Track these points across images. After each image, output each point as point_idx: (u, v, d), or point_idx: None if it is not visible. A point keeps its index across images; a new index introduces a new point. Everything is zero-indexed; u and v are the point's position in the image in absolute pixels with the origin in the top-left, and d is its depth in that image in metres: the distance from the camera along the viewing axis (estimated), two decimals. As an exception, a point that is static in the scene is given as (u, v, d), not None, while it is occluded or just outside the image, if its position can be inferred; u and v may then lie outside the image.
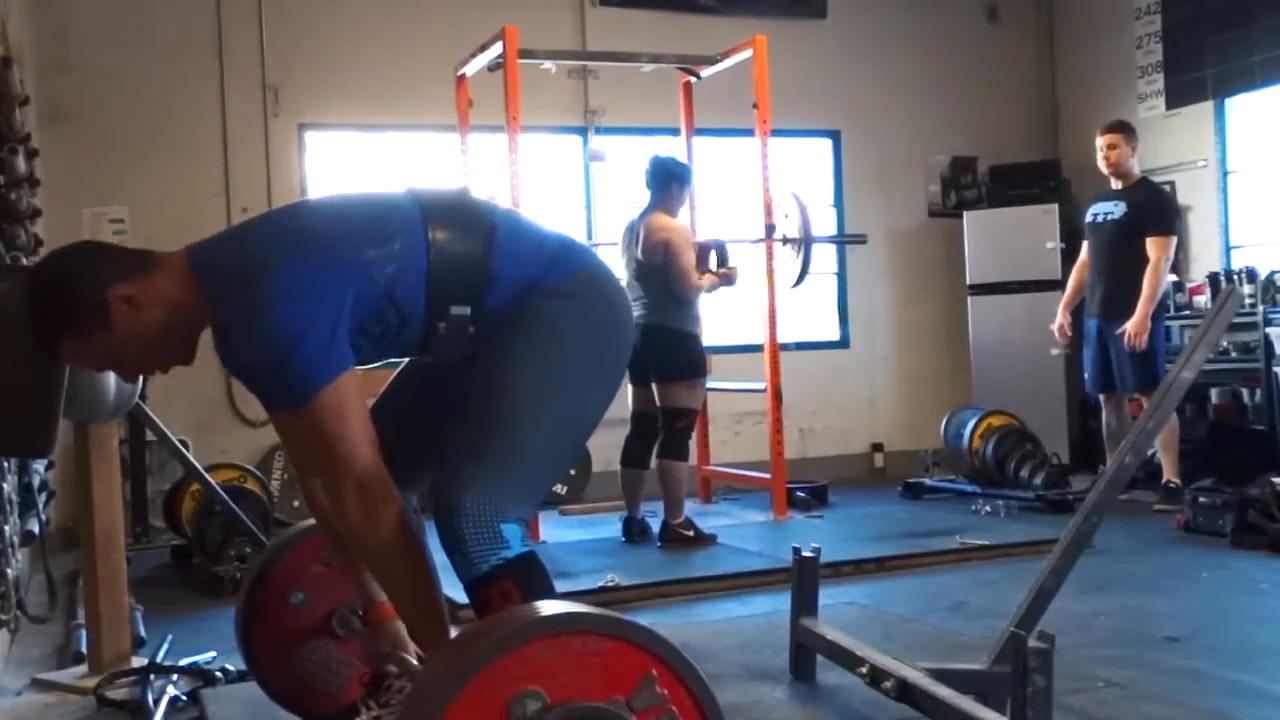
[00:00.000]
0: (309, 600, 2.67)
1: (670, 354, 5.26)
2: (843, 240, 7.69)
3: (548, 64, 6.33)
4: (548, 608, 1.71)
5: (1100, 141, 6.06)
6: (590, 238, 7.31)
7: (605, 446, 6.32)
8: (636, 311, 5.00)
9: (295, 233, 2.10)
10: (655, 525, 5.40)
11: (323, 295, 2.00)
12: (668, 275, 5.25)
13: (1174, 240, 6.03)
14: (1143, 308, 5.80)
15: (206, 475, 4.60)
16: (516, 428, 2.08)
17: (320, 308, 2.00)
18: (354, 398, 2.03)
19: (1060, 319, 6.32)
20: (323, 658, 2.69)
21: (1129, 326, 5.81)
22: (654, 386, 5.30)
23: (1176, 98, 7.52)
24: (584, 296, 2.22)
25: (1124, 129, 6.08)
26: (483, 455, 2.05)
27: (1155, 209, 5.98)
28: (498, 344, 2.16)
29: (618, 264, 5.50)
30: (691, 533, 5.28)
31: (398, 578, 2.09)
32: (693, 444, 6.29)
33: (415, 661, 2.37)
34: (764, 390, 6.07)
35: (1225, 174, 7.36)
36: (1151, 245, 5.86)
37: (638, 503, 5.47)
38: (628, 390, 5.41)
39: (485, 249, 2.16)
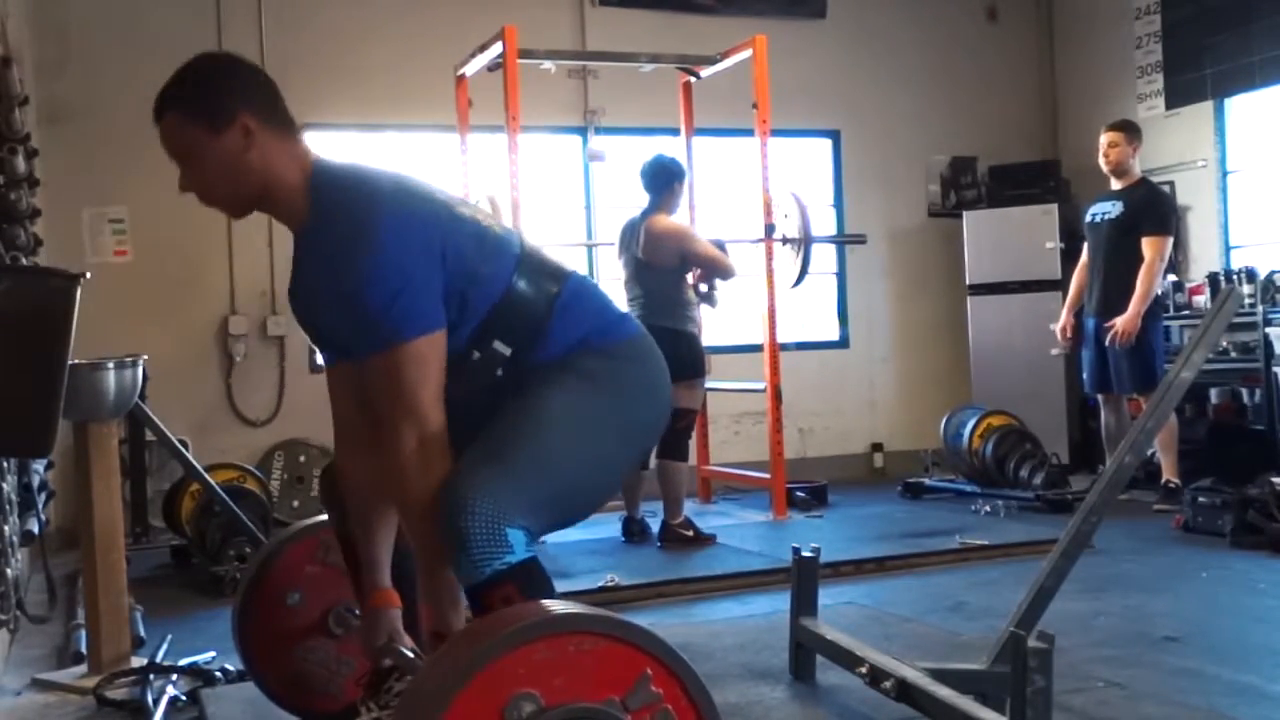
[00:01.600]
0: (305, 600, 2.67)
1: (669, 354, 5.22)
2: (842, 240, 7.69)
3: (547, 64, 6.33)
4: (542, 608, 1.71)
5: (1102, 140, 6.07)
6: (590, 238, 7.32)
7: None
8: (634, 311, 5.02)
9: (425, 191, 2.15)
10: (655, 525, 5.41)
11: (432, 251, 2.05)
12: (675, 273, 5.27)
13: (1170, 240, 6.02)
14: (1134, 306, 5.81)
15: (206, 475, 4.60)
16: (542, 446, 2.09)
17: (429, 261, 2.04)
18: (439, 356, 2.06)
19: (1064, 320, 6.32)
20: (320, 657, 2.69)
21: (1119, 323, 5.82)
22: None
23: (1176, 98, 7.53)
24: (629, 359, 2.29)
25: (1126, 128, 6.09)
26: (502, 461, 2.05)
27: (1152, 209, 5.98)
28: (536, 380, 2.17)
29: (615, 263, 5.52)
30: (691, 533, 5.28)
31: (432, 528, 2.04)
32: (692, 444, 6.28)
33: (411, 655, 2.36)
34: (764, 390, 6.07)
35: (1225, 174, 7.36)
36: (1147, 245, 5.86)
37: (637, 503, 5.47)
38: None
39: (549, 308, 2.20)
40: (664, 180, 5.40)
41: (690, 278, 5.40)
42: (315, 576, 2.68)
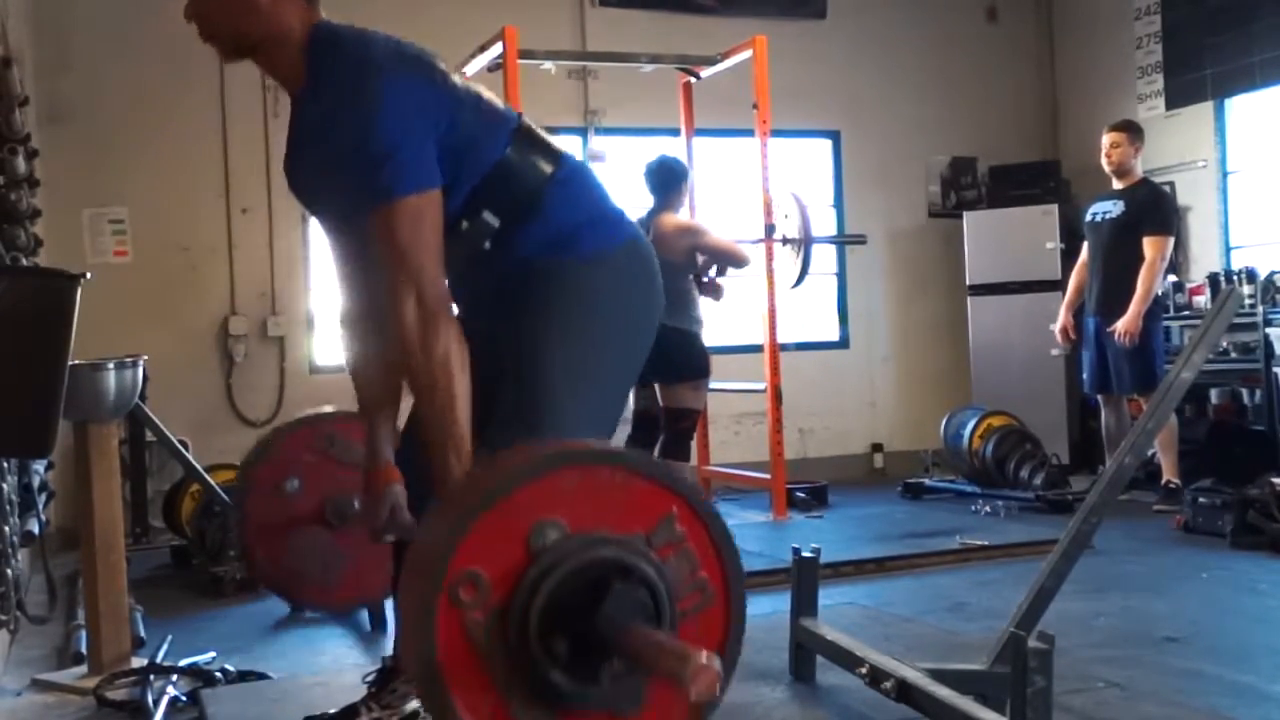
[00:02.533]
0: (303, 488, 2.64)
1: (676, 354, 5.18)
2: (843, 240, 7.69)
3: (548, 64, 6.33)
4: (571, 443, 1.72)
5: (1104, 140, 6.08)
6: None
7: (605, 447, 6.32)
8: None
9: (418, 54, 2.18)
10: None
11: (427, 113, 2.07)
12: (683, 272, 5.27)
13: (1171, 240, 6.03)
14: (1135, 306, 5.81)
15: (206, 475, 4.60)
16: (556, 401, 2.09)
17: (424, 123, 2.06)
18: (434, 216, 2.06)
19: (1062, 321, 6.32)
20: (315, 546, 2.66)
21: (1120, 324, 5.82)
22: (657, 387, 5.29)
23: (1176, 98, 7.52)
24: (623, 269, 2.26)
25: (1129, 129, 6.09)
26: (525, 425, 2.05)
27: (1153, 208, 5.98)
28: (540, 308, 2.17)
29: None
30: None
31: (439, 398, 2.03)
32: (693, 444, 6.28)
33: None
34: (764, 390, 6.07)
35: (1225, 174, 7.36)
36: (1148, 244, 5.86)
37: None
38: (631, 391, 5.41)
39: (543, 184, 2.20)
40: (669, 180, 5.41)
41: (700, 269, 5.40)
42: (315, 466, 2.66)
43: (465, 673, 1.54)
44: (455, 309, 2.19)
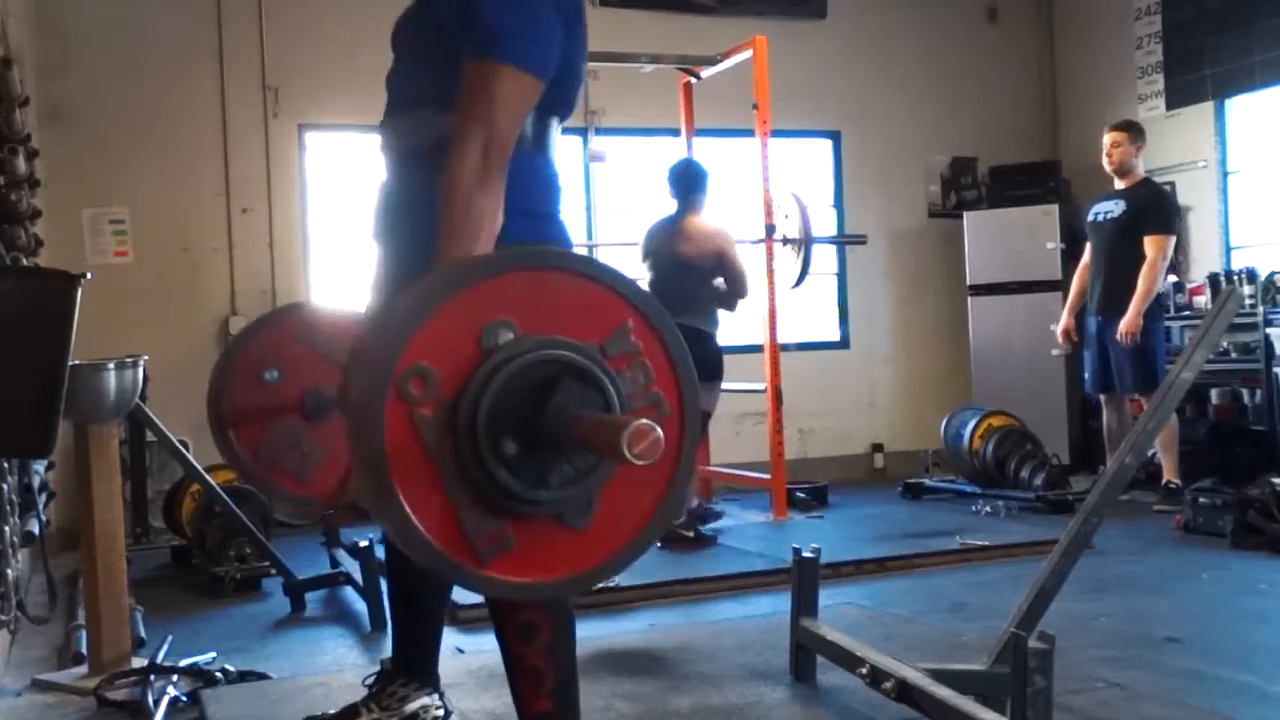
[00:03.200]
0: (284, 378, 2.62)
1: (694, 355, 5.21)
2: (843, 240, 7.69)
3: (548, 64, 6.32)
4: (533, 246, 1.70)
5: (1105, 140, 6.08)
6: (590, 238, 7.32)
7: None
8: None
9: None
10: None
11: (561, 16, 2.06)
12: (705, 275, 5.32)
13: (1172, 240, 6.03)
14: (1135, 305, 5.81)
15: (206, 476, 4.59)
16: None
17: (556, 16, 2.05)
18: (528, 101, 2.03)
19: (1065, 322, 6.32)
20: (291, 437, 2.63)
21: (1121, 323, 5.82)
22: None
23: (1176, 98, 7.52)
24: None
25: (1130, 128, 6.10)
26: None
27: (1154, 208, 5.99)
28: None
29: (639, 267, 5.53)
30: (692, 533, 5.28)
31: (466, 230, 1.95)
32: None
33: None
34: (764, 391, 6.07)
35: (1225, 174, 7.36)
36: (1149, 244, 5.86)
37: None
38: None
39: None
40: (693, 183, 5.50)
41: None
42: (298, 356, 2.63)
43: (412, 470, 1.51)
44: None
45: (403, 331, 1.52)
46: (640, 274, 5.52)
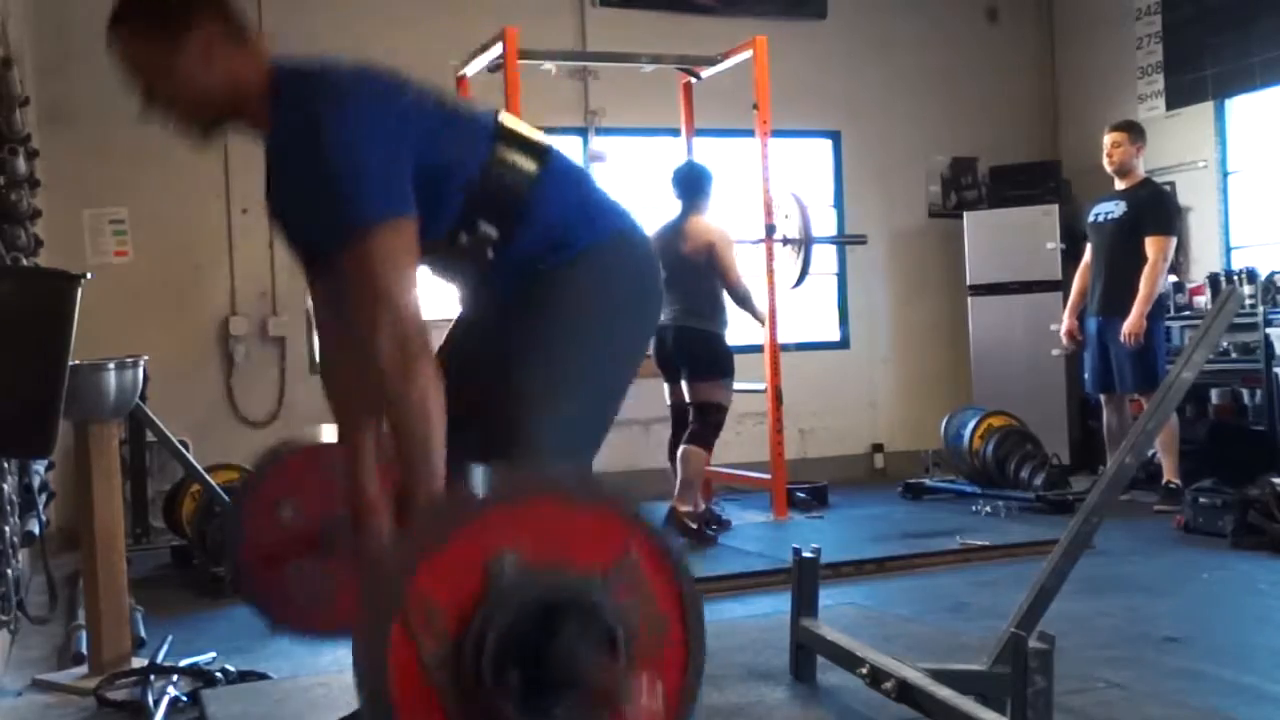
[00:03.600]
0: (301, 512, 2.63)
1: (701, 355, 5.52)
2: (843, 241, 7.69)
3: (548, 65, 6.33)
4: (541, 474, 1.72)
5: (1105, 140, 6.09)
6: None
7: (603, 447, 6.30)
8: (669, 311, 5.16)
9: (387, 78, 2.11)
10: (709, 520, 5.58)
11: (399, 138, 2.01)
12: (712, 275, 5.45)
13: (1173, 240, 6.03)
14: (1138, 307, 5.81)
15: (206, 476, 4.59)
16: (543, 402, 2.08)
17: (394, 147, 2.00)
18: (408, 243, 2.00)
19: (1067, 323, 6.32)
20: (306, 571, 2.64)
21: (1125, 325, 5.82)
22: (683, 383, 5.55)
23: (1176, 98, 7.52)
24: (615, 261, 2.22)
25: (1129, 129, 6.10)
26: (508, 428, 2.05)
27: (1155, 209, 5.98)
28: (528, 311, 2.15)
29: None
30: (695, 526, 5.34)
31: (415, 445, 2.00)
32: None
33: None
34: (764, 391, 6.07)
35: (1225, 174, 7.36)
36: (1150, 245, 5.86)
37: (698, 494, 5.61)
38: (664, 388, 5.71)
39: (530, 184, 2.16)
40: (695, 185, 5.60)
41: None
42: (314, 490, 2.64)
43: (416, 704, 1.53)
44: (463, 308, 2.20)
45: (408, 567, 1.55)
46: None
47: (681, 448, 5.47)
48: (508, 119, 2.25)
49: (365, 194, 1.96)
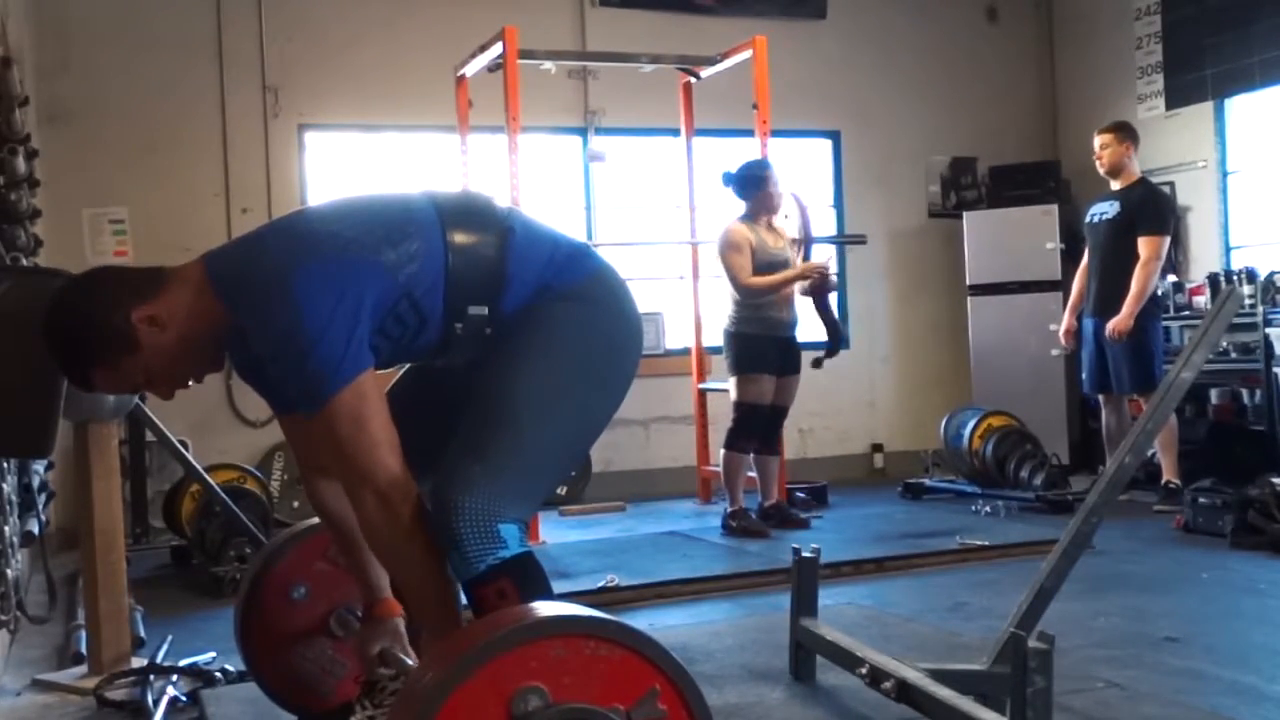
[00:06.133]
0: (309, 597, 2.67)
1: (726, 352, 5.74)
2: (843, 241, 7.69)
3: (547, 64, 6.33)
4: (558, 608, 1.71)
5: (1095, 142, 6.09)
6: (590, 238, 7.31)
7: (603, 447, 6.32)
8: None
9: (312, 235, 2.09)
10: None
11: (342, 296, 2.00)
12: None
13: (1166, 240, 6.01)
14: (1129, 304, 5.81)
15: (206, 476, 4.59)
16: (517, 429, 2.08)
17: (339, 309, 1.99)
18: (373, 400, 2.02)
19: (1067, 323, 6.31)
20: (318, 656, 2.69)
21: (1113, 321, 5.82)
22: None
23: (1176, 98, 7.52)
24: (593, 301, 2.22)
25: (1118, 129, 6.09)
26: (482, 455, 2.05)
27: (1148, 208, 5.98)
28: (503, 346, 2.16)
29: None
30: (735, 524, 5.57)
31: (416, 574, 2.06)
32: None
33: (410, 661, 2.36)
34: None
35: (1225, 174, 7.36)
36: (1143, 244, 5.86)
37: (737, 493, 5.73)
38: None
39: (501, 251, 2.16)
40: (748, 186, 5.67)
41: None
42: (322, 574, 2.67)
43: None
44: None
45: (434, 699, 1.55)
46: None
47: (723, 453, 5.71)
48: (441, 197, 2.22)
49: (321, 375, 1.98)
